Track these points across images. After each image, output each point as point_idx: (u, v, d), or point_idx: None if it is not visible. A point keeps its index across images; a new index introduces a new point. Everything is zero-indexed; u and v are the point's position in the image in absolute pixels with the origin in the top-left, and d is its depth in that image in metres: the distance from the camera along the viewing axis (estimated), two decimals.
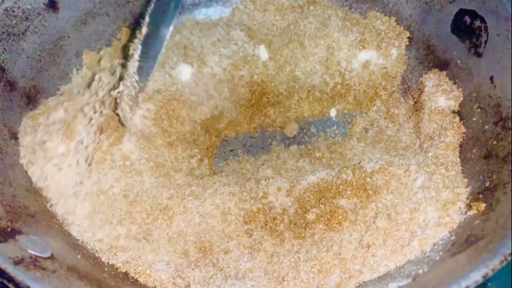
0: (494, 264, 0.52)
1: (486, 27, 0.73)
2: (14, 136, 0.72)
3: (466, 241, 0.61)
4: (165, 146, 0.83)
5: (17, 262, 0.55)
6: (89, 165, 0.74)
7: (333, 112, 0.91)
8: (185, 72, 0.85)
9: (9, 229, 0.60)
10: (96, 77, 0.80)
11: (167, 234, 0.72)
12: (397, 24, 0.88)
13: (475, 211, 0.65)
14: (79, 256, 0.66)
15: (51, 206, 0.71)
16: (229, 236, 0.72)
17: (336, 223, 0.70)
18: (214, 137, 0.89)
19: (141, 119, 0.81)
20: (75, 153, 0.73)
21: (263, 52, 0.89)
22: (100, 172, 0.74)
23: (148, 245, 0.70)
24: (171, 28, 0.71)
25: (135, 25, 0.92)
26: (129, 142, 0.78)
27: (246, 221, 0.73)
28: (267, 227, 0.73)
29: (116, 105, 0.77)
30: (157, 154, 0.81)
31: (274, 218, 0.74)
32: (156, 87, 0.83)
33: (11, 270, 0.53)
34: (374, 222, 0.68)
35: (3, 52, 0.74)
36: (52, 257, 0.60)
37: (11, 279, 0.53)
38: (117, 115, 0.77)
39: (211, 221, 0.73)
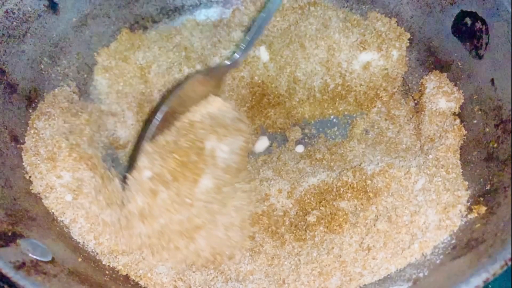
0: (494, 268, 0.52)
1: (487, 29, 0.73)
2: (15, 139, 0.72)
3: (466, 244, 0.61)
4: None
5: (19, 267, 0.55)
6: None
7: None
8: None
9: (10, 233, 0.60)
10: None
11: None
12: (397, 25, 0.87)
13: (476, 214, 0.64)
14: (80, 260, 0.66)
15: (51, 210, 0.71)
16: None
17: (336, 226, 0.70)
18: None
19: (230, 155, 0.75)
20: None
21: (263, 53, 0.89)
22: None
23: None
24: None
25: (135, 26, 0.92)
26: (207, 179, 0.70)
27: (251, 223, 0.73)
28: (269, 229, 0.73)
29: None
30: None
31: (276, 221, 0.74)
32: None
33: (12, 275, 0.53)
34: (374, 225, 0.68)
35: (4, 54, 0.73)
36: (53, 261, 0.60)
37: (12, 284, 0.53)
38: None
39: None
